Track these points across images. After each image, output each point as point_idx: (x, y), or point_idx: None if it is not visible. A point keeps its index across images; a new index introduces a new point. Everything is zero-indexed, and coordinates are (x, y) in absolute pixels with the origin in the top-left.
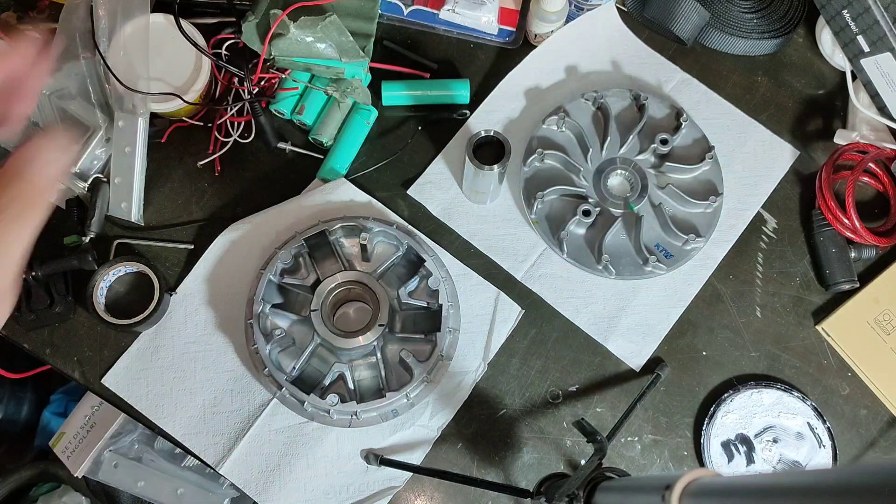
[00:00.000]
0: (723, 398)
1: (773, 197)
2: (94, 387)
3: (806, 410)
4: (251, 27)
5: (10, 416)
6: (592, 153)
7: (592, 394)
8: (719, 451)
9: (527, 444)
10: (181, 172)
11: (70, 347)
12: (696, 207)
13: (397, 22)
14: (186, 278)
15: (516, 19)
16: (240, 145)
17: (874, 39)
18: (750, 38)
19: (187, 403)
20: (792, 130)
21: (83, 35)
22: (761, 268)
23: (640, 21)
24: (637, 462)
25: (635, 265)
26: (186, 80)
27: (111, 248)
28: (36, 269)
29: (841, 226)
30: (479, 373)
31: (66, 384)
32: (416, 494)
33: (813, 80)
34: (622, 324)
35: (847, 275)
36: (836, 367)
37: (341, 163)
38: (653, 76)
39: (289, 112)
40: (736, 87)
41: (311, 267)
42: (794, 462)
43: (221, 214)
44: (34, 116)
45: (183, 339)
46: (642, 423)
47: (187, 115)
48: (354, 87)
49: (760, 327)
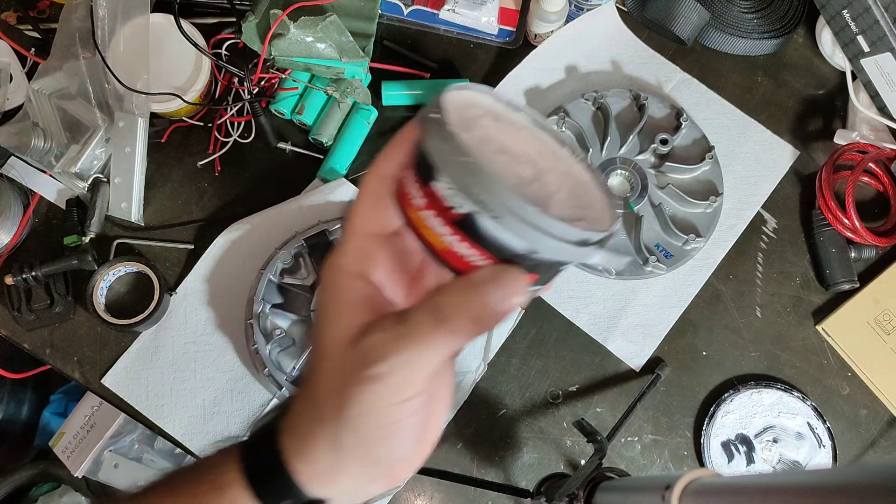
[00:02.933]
0: (723, 398)
1: (773, 197)
2: (94, 387)
3: (806, 410)
4: (251, 27)
5: (10, 416)
6: (592, 153)
7: (592, 394)
8: (719, 451)
9: (527, 444)
10: (181, 172)
11: (70, 347)
12: (696, 207)
13: (397, 22)
14: (186, 278)
15: (516, 19)
16: (240, 145)
17: (874, 39)
18: (750, 38)
19: (187, 403)
20: (792, 130)
21: (83, 35)
22: (761, 268)
23: (640, 21)
24: (637, 462)
25: (635, 265)
26: (186, 80)
27: (111, 248)
28: (36, 269)
29: (841, 226)
30: (478, 373)
31: (66, 384)
32: (416, 494)
33: (813, 80)
34: (622, 324)
35: (847, 275)
36: (836, 367)
37: (341, 163)
38: (653, 76)
39: (289, 112)
40: (736, 87)
41: (311, 267)
42: (794, 462)
43: (221, 214)
44: (34, 116)
45: (183, 339)
46: (642, 423)
47: (187, 115)
48: (354, 87)
49: (760, 327)
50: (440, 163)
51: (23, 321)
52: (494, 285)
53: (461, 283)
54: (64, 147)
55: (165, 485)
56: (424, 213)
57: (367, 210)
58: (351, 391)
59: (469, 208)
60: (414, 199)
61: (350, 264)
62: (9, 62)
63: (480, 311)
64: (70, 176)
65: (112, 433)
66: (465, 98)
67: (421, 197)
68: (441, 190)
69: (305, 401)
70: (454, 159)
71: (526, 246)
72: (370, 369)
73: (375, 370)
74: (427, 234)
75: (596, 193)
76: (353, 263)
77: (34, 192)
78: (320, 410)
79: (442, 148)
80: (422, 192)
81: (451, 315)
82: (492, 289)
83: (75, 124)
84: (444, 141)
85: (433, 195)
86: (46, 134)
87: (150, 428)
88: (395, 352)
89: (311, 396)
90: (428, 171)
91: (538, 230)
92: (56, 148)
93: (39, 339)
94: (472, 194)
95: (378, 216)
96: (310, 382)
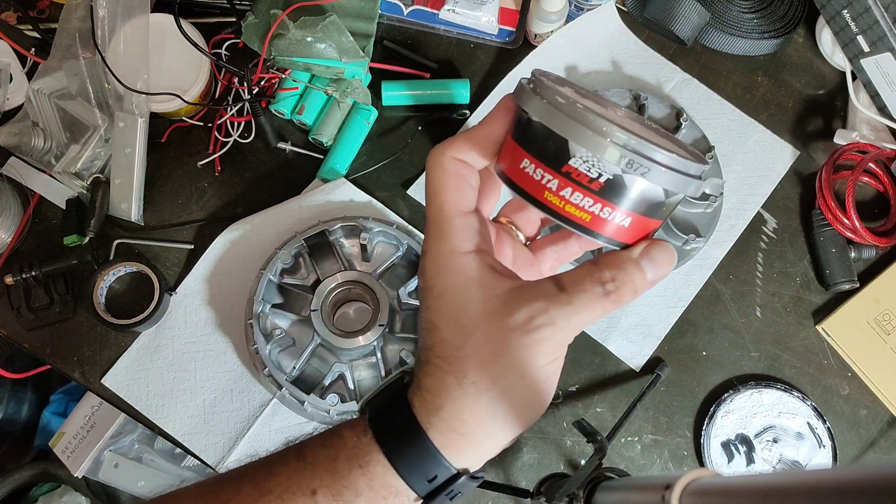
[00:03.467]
0: (723, 398)
1: (773, 197)
2: (94, 387)
3: (806, 410)
4: (251, 27)
5: (10, 416)
6: None
7: (592, 394)
8: (719, 451)
9: (527, 444)
10: (181, 172)
11: (70, 347)
12: (696, 207)
13: (397, 22)
14: (186, 278)
15: (516, 19)
16: (240, 145)
17: (874, 39)
18: (750, 38)
19: (187, 403)
20: (792, 130)
21: (83, 35)
22: (761, 268)
23: (640, 21)
24: (637, 462)
25: None
26: (186, 80)
27: (111, 248)
28: (36, 269)
29: (841, 226)
30: None
31: (66, 384)
32: None
33: (813, 80)
34: (622, 324)
35: (847, 275)
36: (836, 367)
37: (341, 163)
38: (653, 76)
39: (289, 112)
40: (736, 87)
41: (311, 267)
42: (794, 462)
43: (221, 214)
44: (34, 116)
45: (183, 339)
46: (642, 423)
47: (187, 115)
48: (354, 87)
49: (760, 327)
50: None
51: (23, 321)
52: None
53: (622, 258)
54: (64, 147)
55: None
56: (564, 191)
57: (453, 191)
58: (511, 357)
59: (613, 171)
60: (549, 183)
61: (463, 243)
62: (9, 62)
63: (640, 282)
64: (70, 176)
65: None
66: (551, 80)
67: (554, 177)
68: (579, 165)
69: (442, 380)
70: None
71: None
72: (536, 332)
73: (541, 333)
74: (573, 210)
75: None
76: (467, 241)
77: (34, 192)
78: (469, 386)
79: (569, 126)
80: (553, 173)
81: (618, 287)
82: (649, 263)
83: (75, 124)
84: (569, 117)
85: (569, 173)
86: (46, 134)
87: (150, 428)
88: (561, 317)
89: (452, 374)
90: (557, 151)
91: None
92: (56, 148)
93: (39, 339)
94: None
95: (464, 195)
96: (448, 361)
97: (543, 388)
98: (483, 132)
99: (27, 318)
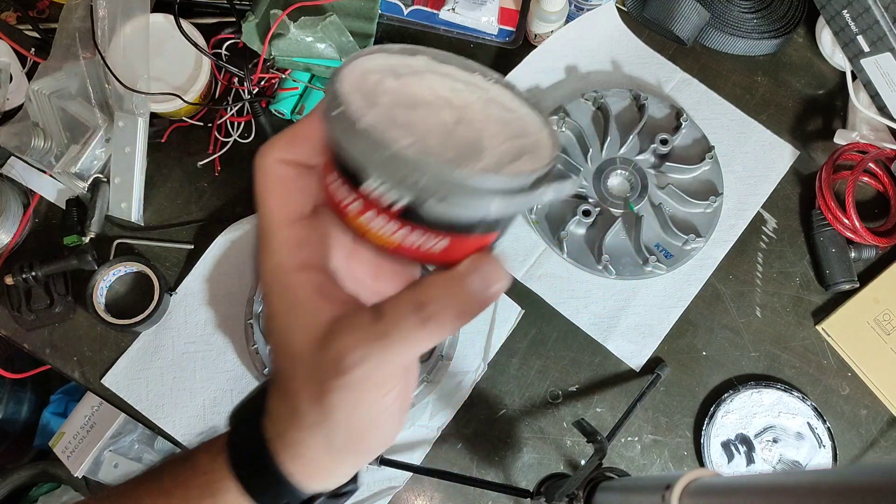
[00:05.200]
0: (723, 398)
1: (773, 197)
2: (94, 387)
3: (806, 410)
4: (251, 27)
5: (10, 416)
6: (592, 153)
7: (592, 394)
8: (719, 451)
9: (527, 444)
10: (181, 172)
11: (70, 347)
12: (696, 207)
13: (397, 22)
14: (186, 278)
15: (516, 19)
16: (240, 145)
17: (874, 39)
18: (750, 38)
19: (187, 403)
20: (792, 130)
21: (83, 35)
22: (761, 268)
23: (640, 21)
24: (637, 462)
25: (635, 265)
26: (186, 80)
27: (111, 248)
28: (36, 269)
29: (841, 226)
30: (478, 373)
31: (66, 384)
32: (416, 494)
33: (813, 80)
34: (622, 324)
35: (847, 275)
36: (836, 367)
37: None
38: (653, 76)
39: (289, 112)
40: (736, 87)
41: None
42: (794, 462)
43: (221, 214)
44: (34, 116)
45: (183, 339)
46: (642, 423)
47: (187, 115)
48: None
49: (760, 327)
50: (364, 163)
51: (23, 321)
52: (477, 276)
53: (443, 277)
54: (64, 147)
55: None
56: (365, 217)
57: (278, 198)
58: (332, 397)
59: (410, 198)
60: (350, 207)
61: (288, 259)
62: (9, 62)
63: (466, 303)
64: (70, 176)
65: (112, 433)
66: (359, 69)
67: (356, 201)
68: (374, 189)
69: (285, 406)
70: (376, 156)
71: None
72: (349, 374)
73: (354, 375)
74: (375, 237)
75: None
76: (292, 256)
77: (34, 192)
78: (304, 417)
79: (359, 147)
80: (355, 195)
81: (437, 311)
82: (476, 280)
83: (75, 124)
84: (358, 139)
85: (368, 197)
86: (46, 134)
87: (150, 428)
88: (375, 354)
89: (290, 403)
90: (354, 174)
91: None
92: (56, 148)
93: (39, 339)
94: (408, 184)
95: (291, 202)
96: (286, 388)
97: (380, 421)
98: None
99: (27, 318)
